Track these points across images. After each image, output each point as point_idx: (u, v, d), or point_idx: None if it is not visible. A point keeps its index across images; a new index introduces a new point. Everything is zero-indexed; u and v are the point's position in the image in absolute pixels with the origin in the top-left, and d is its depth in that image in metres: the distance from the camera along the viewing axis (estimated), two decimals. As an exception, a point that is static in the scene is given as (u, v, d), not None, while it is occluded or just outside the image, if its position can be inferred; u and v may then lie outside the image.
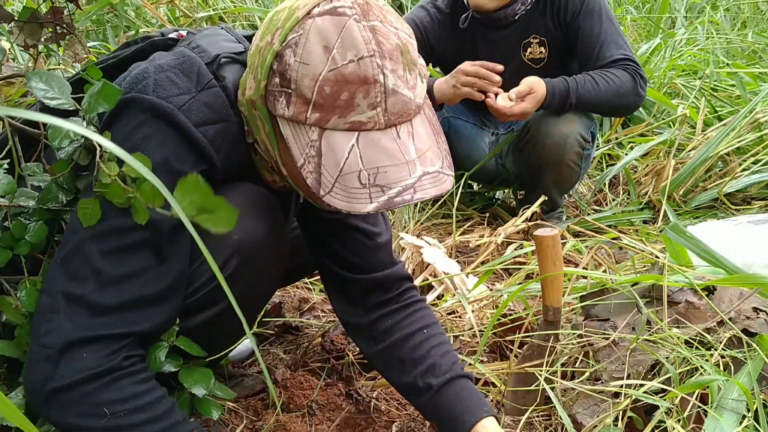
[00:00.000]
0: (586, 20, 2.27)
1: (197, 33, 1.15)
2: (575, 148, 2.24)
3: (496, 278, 2.02)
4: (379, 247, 1.29)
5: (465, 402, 1.17)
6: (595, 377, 1.31)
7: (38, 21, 1.09)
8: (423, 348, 1.23)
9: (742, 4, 5.02)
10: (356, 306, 1.29)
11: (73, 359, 0.94)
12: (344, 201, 0.93)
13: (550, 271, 1.32)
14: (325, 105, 0.93)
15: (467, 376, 1.21)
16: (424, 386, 1.19)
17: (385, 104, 0.94)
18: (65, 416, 0.95)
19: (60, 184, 1.01)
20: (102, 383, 0.94)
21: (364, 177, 0.93)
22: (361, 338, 1.31)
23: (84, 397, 0.94)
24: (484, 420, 1.14)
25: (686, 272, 1.39)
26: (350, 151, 0.93)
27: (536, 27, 2.31)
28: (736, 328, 1.24)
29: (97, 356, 0.94)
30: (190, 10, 3.55)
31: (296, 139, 0.96)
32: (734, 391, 1.13)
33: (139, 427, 0.96)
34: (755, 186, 2.54)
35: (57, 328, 0.94)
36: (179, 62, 1.04)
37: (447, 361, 1.21)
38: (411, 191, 0.94)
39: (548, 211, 2.44)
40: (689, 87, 3.23)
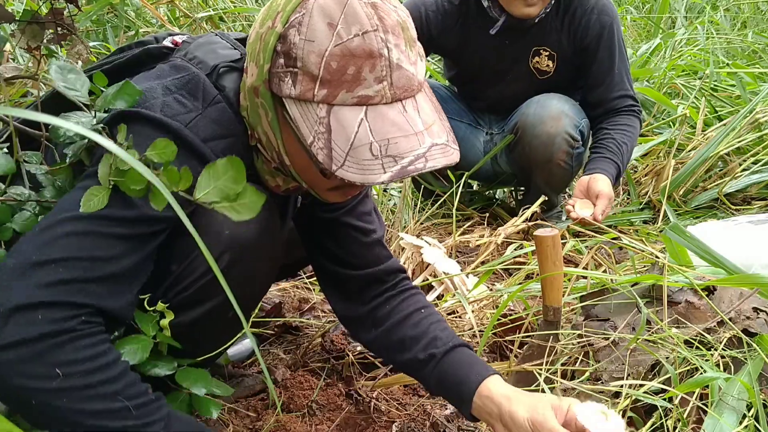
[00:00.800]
0: (603, 49, 2.30)
1: (192, 41, 1.15)
2: (563, 147, 2.24)
3: (496, 278, 2.02)
4: (374, 243, 1.31)
5: (469, 366, 1.17)
6: (595, 377, 1.31)
7: (39, 22, 1.09)
8: (422, 325, 1.24)
9: (742, 4, 5.02)
10: (354, 300, 1.31)
11: (26, 319, 0.88)
12: (358, 173, 0.94)
13: (550, 271, 1.32)
14: (333, 80, 0.93)
15: (468, 345, 1.22)
16: (427, 357, 1.20)
17: (390, 78, 0.95)
18: (11, 377, 0.88)
19: (58, 187, 1.02)
20: (56, 342, 0.89)
21: (375, 149, 0.93)
22: (360, 328, 1.32)
23: (35, 357, 0.88)
24: (490, 378, 1.13)
25: (686, 272, 1.39)
26: (359, 125, 0.94)
27: (550, 40, 2.30)
28: (736, 328, 1.24)
29: (53, 317, 0.90)
30: (190, 10, 3.55)
31: (304, 117, 0.96)
32: (734, 390, 1.13)
33: (94, 387, 0.91)
34: (755, 186, 2.54)
35: (15, 288, 0.90)
36: (185, 82, 1.05)
37: (447, 334, 1.22)
38: (423, 160, 0.95)
39: (548, 210, 2.44)
40: (689, 87, 3.23)
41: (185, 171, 0.91)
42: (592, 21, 2.27)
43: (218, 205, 0.90)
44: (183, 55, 1.11)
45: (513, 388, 1.11)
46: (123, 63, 1.15)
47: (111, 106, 0.98)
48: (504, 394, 1.10)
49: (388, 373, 1.54)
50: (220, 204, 0.90)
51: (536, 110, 2.26)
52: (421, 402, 1.44)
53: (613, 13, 2.30)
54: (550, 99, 2.28)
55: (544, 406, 1.04)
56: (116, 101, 0.98)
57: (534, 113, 2.26)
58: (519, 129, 2.29)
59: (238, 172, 0.89)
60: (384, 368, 1.55)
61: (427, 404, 1.43)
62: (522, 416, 1.04)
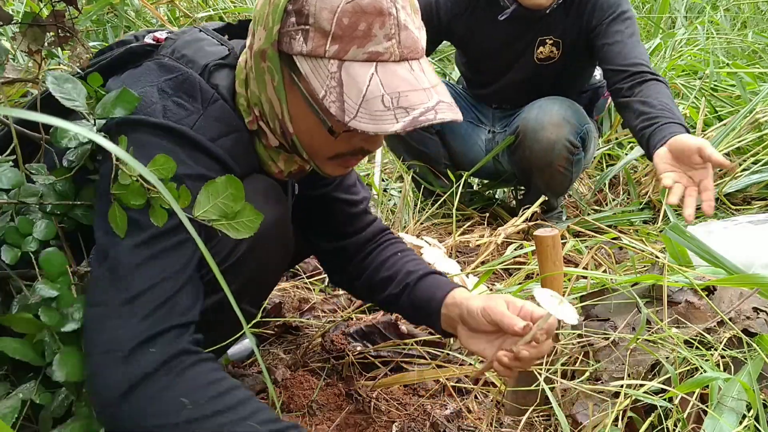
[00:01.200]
0: (614, 24, 2.20)
1: (177, 38, 1.15)
2: (563, 154, 2.24)
3: (496, 278, 2.02)
4: (362, 212, 1.39)
5: (437, 286, 1.26)
6: (595, 377, 1.31)
7: (40, 25, 1.08)
8: (398, 265, 1.33)
9: (742, 4, 5.02)
10: (345, 264, 1.39)
11: (142, 356, 0.91)
12: (371, 124, 0.96)
13: (550, 271, 1.32)
14: (344, 36, 0.96)
15: (440, 273, 1.30)
16: (402, 288, 1.29)
17: (398, 37, 0.98)
18: (144, 418, 0.90)
19: (58, 191, 1.01)
20: (176, 372, 0.91)
21: (387, 100, 0.96)
22: (344, 280, 1.44)
23: (161, 392, 0.90)
24: (455, 290, 1.22)
25: (686, 272, 1.39)
26: (370, 79, 0.97)
27: (555, 27, 2.29)
28: (736, 328, 1.24)
29: (165, 348, 0.92)
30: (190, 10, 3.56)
31: (315, 73, 0.98)
32: (734, 390, 1.13)
33: (223, 414, 0.91)
34: (755, 186, 2.54)
35: (118, 332, 0.91)
36: (179, 83, 1.05)
37: (420, 266, 1.32)
38: (432, 112, 0.98)
39: (548, 211, 2.44)
40: (689, 87, 3.23)
41: (183, 190, 0.93)
42: (599, 2, 2.22)
43: (217, 222, 0.93)
44: (170, 53, 1.11)
45: (475, 295, 1.22)
46: (106, 64, 1.15)
47: (110, 114, 0.98)
48: (465, 297, 1.19)
49: (388, 373, 1.54)
50: (219, 222, 0.93)
51: (538, 115, 2.25)
52: (421, 402, 1.44)
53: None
54: (552, 104, 2.27)
55: (498, 298, 1.13)
56: (114, 109, 0.98)
57: (535, 118, 2.25)
58: (520, 132, 2.28)
59: (237, 191, 0.92)
60: (384, 368, 1.55)
61: (427, 404, 1.43)
62: (476, 306, 1.14)
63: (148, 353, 0.91)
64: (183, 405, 0.90)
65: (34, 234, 0.98)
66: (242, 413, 0.92)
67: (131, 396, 0.90)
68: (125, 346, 0.90)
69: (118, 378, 0.90)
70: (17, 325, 0.96)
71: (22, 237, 0.98)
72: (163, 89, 1.04)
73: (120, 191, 0.93)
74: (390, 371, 1.54)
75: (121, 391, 0.90)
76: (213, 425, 0.90)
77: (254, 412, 0.93)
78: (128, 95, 0.98)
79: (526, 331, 1.06)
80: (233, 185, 0.92)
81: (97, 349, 0.92)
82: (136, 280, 0.93)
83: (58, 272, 0.97)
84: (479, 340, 1.16)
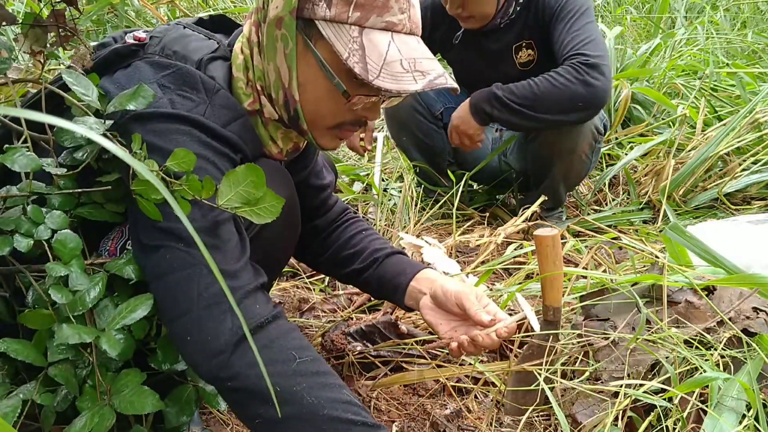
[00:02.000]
0: (560, 21, 2.20)
1: (162, 36, 1.17)
2: (588, 140, 2.23)
3: (496, 278, 2.03)
4: (330, 194, 1.50)
5: (407, 263, 1.40)
6: (595, 377, 1.31)
7: (42, 25, 1.08)
8: (364, 242, 1.45)
9: (742, 4, 5.02)
10: (312, 242, 1.48)
11: (251, 307, 0.97)
12: (393, 83, 1.04)
13: (550, 271, 1.32)
14: (366, 4, 1.05)
15: (404, 253, 1.45)
16: (369, 263, 1.41)
17: (410, 12, 1.09)
18: (254, 365, 0.94)
19: (62, 187, 1.02)
20: (283, 329, 0.98)
21: (405, 64, 1.06)
22: (309, 257, 1.52)
23: (273, 341, 0.97)
24: (425, 269, 1.37)
25: (686, 272, 1.39)
26: (389, 45, 1.06)
27: (524, 30, 2.30)
28: (736, 328, 1.24)
29: (268, 305, 0.99)
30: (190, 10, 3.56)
31: (338, 37, 1.06)
32: (734, 390, 1.14)
33: (323, 375, 0.98)
34: (755, 186, 2.54)
35: (215, 289, 0.96)
36: (179, 77, 1.08)
37: (387, 245, 1.45)
38: (444, 78, 1.07)
39: (549, 209, 2.44)
40: (689, 87, 3.23)
41: (207, 180, 0.96)
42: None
43: (240, 210, 0.96)
44: (160, 51, 1.13)
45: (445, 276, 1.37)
46: (91, 67, 1.15)
47: (123, 108, 1.00)
48: (438, 275, 1.36)
49: (388, 373, 1.54)
50: (241, 209, 0.96)
51: None
52: (421, 402, 1.44)
53: None
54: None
55: (470, 289, 1.30)
56: (129, 104, 1.00)
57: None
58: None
59: (258, 178, 0.96)
60: (384, 368, 1.55)
61: (427, 404, 1.43)
62: (452, 289, 1.28)
63: (254, 308, 0.97)
64: (294, 357, 0.96)
65: (47, 222, 0.99)
66: (337, 382, 0.99)
67: (245, 343, 0.95)
68: (233, 334, 0.95)
69: (229, 327, 0.95)
70: (31, 321, 0.96)
71: (34, 225, 0.99)
72: (163, 84, 1.06)
73: (140, 187, 0.95)
74: (390, 371, 1.55)
75: (236, 337, 0.95)
76: (316, 383, 0.97)
77: (342, 386, 1.00)
78: (144, 91, 1.01)
79: (490, 325, 1.23)
80: (254, 173, 0.96)
81: (197, 305, 0.96)
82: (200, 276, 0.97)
83: (70, 254, 0.98)
84: (439, 315, 1.32)
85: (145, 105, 1.01)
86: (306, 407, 0.95)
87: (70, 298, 0.96)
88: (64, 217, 1.01)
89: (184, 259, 0.98)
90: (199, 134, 1.04)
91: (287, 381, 0.95)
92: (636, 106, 3.14)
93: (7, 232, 0.97)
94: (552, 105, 2.08)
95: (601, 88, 2.07)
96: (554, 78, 2.07)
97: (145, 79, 1.07)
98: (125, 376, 1.00)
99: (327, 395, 0.96)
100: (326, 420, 0.95)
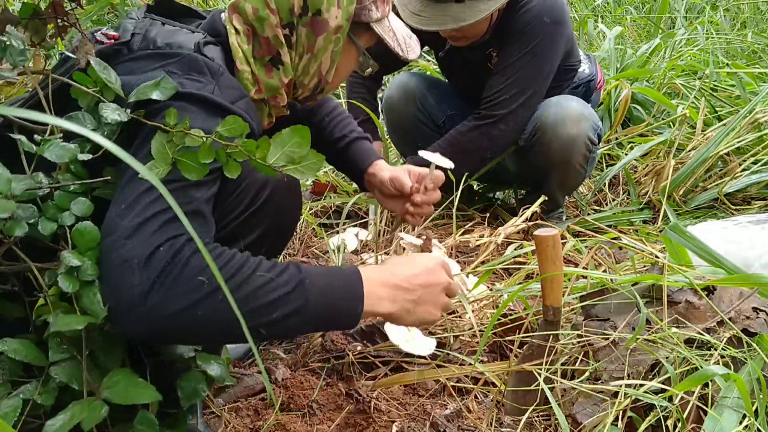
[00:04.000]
0: (506, 55, 2.22)
1: (141, 31, 1.21)
2: (582, 151, 2.23)
3: (496, 278, 2.03)
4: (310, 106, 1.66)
5: (361, 156, 1.69)
6: (595, 377, 1.31)
7: (41, 18, 1.09)
8: (329, 129, 1.68)
9: (742, 5, 5.03)
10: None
11: (156, 257, 0.97)
12: (412, 54, 1.46)
13: (550, 271, 1.32)
14: (385, 1, 1.38)
15: (367, 138, 1.72)
16: (334, 151, 1.68)
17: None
18: (167, 305, 0.96)
19: (73, 171, 1.05)
20: (184, 260, 0.98)
21: (406, 38, 1.47)
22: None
23: (177, 278, 0.97)
24: (373, 163, 1.68)
25: (686, 272, 1.39)
26: (396, 24, 1.45)
27: (493, 39, 2.29)
28: (736, 328, 1.24)
29: (173, 244, 0.99)
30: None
31: (383, 31, 1.39)
32: (734, 390, 1.13)
33: (234, 276, 0.99)
34: (755, 186, 2.54)
35: (134, 247, 0.98)
36: (185, 63, 1.14)
37: (347, 129, 1.70)
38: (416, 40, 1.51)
39: (548, 211, 2.44)
40: (689, 87, 3.23)
41: (263, 141, 1.04)
42: (520, 17, 2.20)
43: (286, 168, 1.04)
44: (152, 45, 1.18)
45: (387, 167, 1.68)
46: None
47: (147, 97, 1.05)
48: (380, 168, 1.67)
49: (388, 373, 1.54)
50: (286, 167, 1.04)
51: (557, 111, 2.23)
52: (421, 402, 1.44)
53: (547, 16, 2.18)
54: (568, 100, 2.26)
55: (401, 169, 1.66)
56: (152, 93, 1.06)
57: (554, 114, 2.22)
58: (538, 129, 2.25)
59: (303, 138, 1.05)
60: (384, 368, 1.55)
61: (427, 404, 1.43)
62: (386, 177, 1.65)
63: (159, 253, 0.98)
64: (201, 282, 0.97)
65: (72, 209, 1.01)
66: (248, 269, 1.01)
67: (152, 292, 0.96)
68: (137, 258, 0.97)
69: (137, 280, 0.96)
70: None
71: (59, 211, 1.00)
72: (171, 71, 1.12)
73: (183, 157, 1.02)
74: (390, 371, 1.55)
75: (143, 289, 0.96)
76: (231, 287, 0.99)
77: (257, 264, 1.03)
78: (167, 81, 1.07)
79: (415, 190, 1.62)
80: (299, 133, 1.04)
81: (114, 263, 0.98)
82: (149, 207, 1.00)
83: (87, 246, 1.00)
84: (391, 201, 1.69)
85: (167, 96, 1.06)
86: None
87: (77, 288, 0.97)
88: (89, 204, 1.03)
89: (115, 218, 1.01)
90: (211, 111, 1.10)
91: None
92: (636, 106, 3.14)
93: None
94: (465, 159, 2.17)
95: (503, 138, 2.26)
96: (461, 134, 2.25)
97: (150, 68, 1.13)
98: (116, 374, 1.00)
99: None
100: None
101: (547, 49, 2.21)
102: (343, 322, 1.11)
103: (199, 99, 1.10)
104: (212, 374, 1.11)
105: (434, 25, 2.12)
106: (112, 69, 1.10)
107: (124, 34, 1.21)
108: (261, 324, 1.00)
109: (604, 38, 3.92)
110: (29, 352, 0.96)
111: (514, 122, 2.23)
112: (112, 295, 0.97)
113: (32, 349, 0.97)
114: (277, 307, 1.01)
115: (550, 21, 2.18)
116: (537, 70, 2.23)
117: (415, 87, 2.51)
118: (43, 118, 0.54)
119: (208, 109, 1.10)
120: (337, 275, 1.10)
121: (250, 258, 1.03)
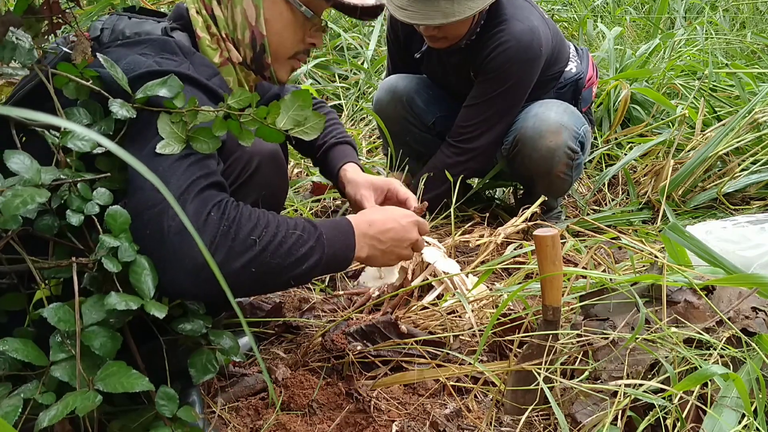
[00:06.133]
0: (477, 95, 2.29)
1: (110, 27, 1.27)
2: (563, 161, 2.24)
3: (495, 278, 2.03)
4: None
5: (334, 163, 1.67)
6: (595, 376, 1.31)
7: (36, 15, 1.09)
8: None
9: (741, 5, 5.03)
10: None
11: (208, 224, 1.06)
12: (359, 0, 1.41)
13: (549, 270, 1.32)
14: None
15: (350, 143, 1.72)
16: (320, 143, 1.70)
17: None
18: (230, 262, 1.07)
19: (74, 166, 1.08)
20: (235, 219, 1.08)
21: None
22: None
23: (235, 238, 1.07)
24: (342, 171, 1.65)
25: (685, 272, 1.39)
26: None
27: (472, 62, 2.31)
28: (735, 328, 1.25)
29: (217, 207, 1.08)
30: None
31: None
32: (733, 389, 1.14)
33: (288, 237, 1.13)
34: (754, 186, 2.54)
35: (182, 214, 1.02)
36: (157, 46, 1.21)
37: (339, 131, 1.72)
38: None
39: (547, 211, 2.45)
40: (688, 87, 3.23)
41: (273, 105, 1.11)
42: (496, 56, 2.22)
43: (292, 131, 1.11)
44: (121, 37, 1.24)
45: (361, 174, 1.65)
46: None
47: (154, 95, 1.10)
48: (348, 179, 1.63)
49: (388, 373, 1.54)
50: (293, 130, 1.11)
51: (534, 124, 2.25)
52: (421, 401, 1.44)
53: (521, 56, 2.21)
54: (548, 110, 2.27)
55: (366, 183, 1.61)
56: (159, 90, 1.10)
57: (533, 127, 2.25)
58: (518, 141, 2.28)
59: (305, 101, 1.11)
60: (384, 368, 1.56)
61: (427, 404, 1.43)
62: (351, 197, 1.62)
63: (211, 218, 1.07)
64: (253, 242, 1.09)
65: (95, 199, 1.06)
66: (283, 229, 1.14)
67: (216, 254, 1.06)
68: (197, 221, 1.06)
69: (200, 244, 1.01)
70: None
71: (84, 202, 1.06)
72: (145, 53, 1.18)
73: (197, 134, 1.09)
74: (390, 371, 1.55)
75: (209, 250, 1.05)
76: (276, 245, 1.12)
77: (285, 222, 1.16)
78: (174, 80, 1.11)
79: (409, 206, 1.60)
80: (300, 96, 1.11)
81: (170, 233, 1.04)
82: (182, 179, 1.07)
83: (120, 228, 1.04)
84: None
85: (173, 94, 1.10)
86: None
87: (120, 268, 1.01)
88: (109, 193, 1.08)
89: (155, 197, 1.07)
90: (189, 87, 1.15)
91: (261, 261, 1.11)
92: (635, 107, 3.15)
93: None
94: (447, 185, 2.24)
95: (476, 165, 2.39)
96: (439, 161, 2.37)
97: (124, 55, 1.17)
98: (110, 366, 1.00)
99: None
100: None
101: (520, 86, 2.28)
102: (339, 268, 1.30)
103: (180, 76, 1.13)
104: (224, 347, 1.17)
105: (421, 19, 2.12)
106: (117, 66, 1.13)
107: (94, 31, 1.27)
108: (293, 276, 1.15)
109: (603, 38, 3.92)
110: (30, 351, 0.96)
111: (482, 156, 2.37)
112: (173, 263, 1.04)
113: (33, 348, 0.97)
114: (306, 260, 1.16)
115: (524, 59, 2.22)
116: (509, 105, 2.30)
117: (404, 89, 2.51)
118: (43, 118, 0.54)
119: (190, 85, 1.15)
120: (338, 228, 1.26)
121: (276, 216, 1.16)
